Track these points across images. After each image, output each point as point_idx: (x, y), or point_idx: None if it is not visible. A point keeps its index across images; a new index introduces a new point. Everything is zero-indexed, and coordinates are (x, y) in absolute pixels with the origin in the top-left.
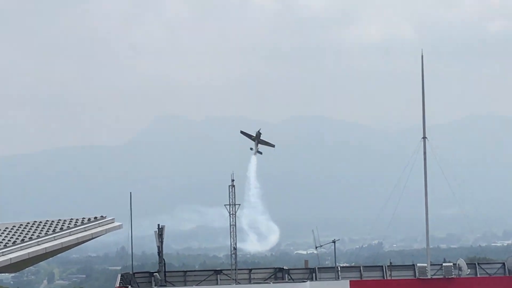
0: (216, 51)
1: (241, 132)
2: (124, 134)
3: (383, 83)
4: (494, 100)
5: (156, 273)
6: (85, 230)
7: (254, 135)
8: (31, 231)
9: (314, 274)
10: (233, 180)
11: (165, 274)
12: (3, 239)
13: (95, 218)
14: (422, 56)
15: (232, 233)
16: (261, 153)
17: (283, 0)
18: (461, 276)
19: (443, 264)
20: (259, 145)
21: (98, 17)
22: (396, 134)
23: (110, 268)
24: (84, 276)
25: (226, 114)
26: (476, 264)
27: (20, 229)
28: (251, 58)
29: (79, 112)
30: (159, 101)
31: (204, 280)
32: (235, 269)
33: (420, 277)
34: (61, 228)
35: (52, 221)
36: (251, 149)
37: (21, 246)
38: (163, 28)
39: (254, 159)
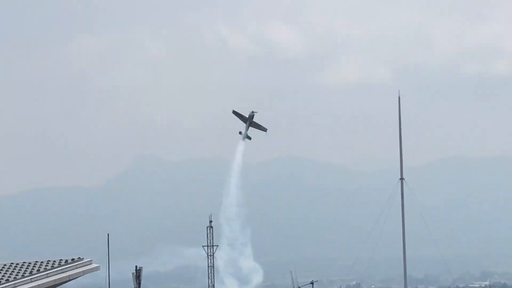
0: (195, 93)
1: (233, 112)
2: (102, 175)
3: (360, 124)
4: (470, 142)
5: None
6: (62, 272)
7: (247, 116)
8: (8, 273)
9: None
10: (211, 221)
11: None
12: None
13: (72, 259)
14: (399, 98)
15: (210, 274)
16: (250, 138)
17: (260, 42)
18: None
19: None
20: (250, 128)
21: (77, 57)
22: (374, 175)
23: None
24: None
25: (204, 155)
26: None
27: None
28: (229, 99)
29: (58, 153)
30: (138, 143)
31: None
32: None
33: None
34: (38, 270)
35: (29, 263)
36: (240, 133)
37: None
38: (142, 69)
39: (240, 149)
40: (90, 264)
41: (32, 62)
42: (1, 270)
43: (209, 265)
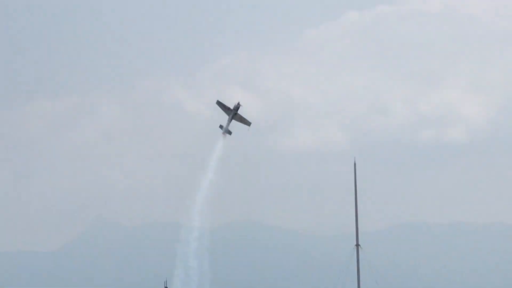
0: (151, 156)
1: (217, 102)
2: (58, 239)
3: (317, 190)
4: (426, 208)
5: None
6: None
7: (232, 108)
8: None
9: None
10: (166, 287)
11: None
12: None
13: None
14: (354, 164)
15: None
16: (230, 133)
17: (217, 107)
18: None
19: None
20: (232, 121)
21: (33, 120)
22: (330, 241)
23: None
24: None
25: (161, 219)
26: None
27: None
28: (186, 164)
29: (12, 217)
30: (94, 206)
31: None
32: None
33: None
34: None
35: None
36: (221, 127)
37: None
38: (99, 132)
39: (218, 148)
40: None
41: None
42: None
43: None
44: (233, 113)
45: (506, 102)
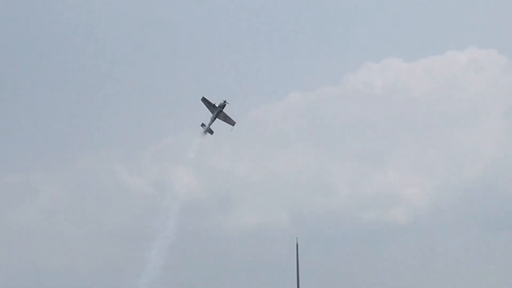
0: (93, 236)
1: (202, 99)
2: None
3: (258, 271)
4: None
5: None
6: None
7: (217, 105)
8: None
9: None
10: None
11: None
12: None
13: None
14: (297, 244)
15: None
16: (212, 132)
17: (160, 186)
18: None
19: None
20: (216, 119)
21: None
22: None
23: None
24: None
25: None
26: None
27: None
28: (127, 244)
29: None
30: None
31: None
32: None
33: None
34: None
35: None
36: (203, 125)
37: None
38: (37, 212)
39: (193, 148)
40: None
41: None
42: None
43: None
44: (218, 110)
45: (447, 183)
